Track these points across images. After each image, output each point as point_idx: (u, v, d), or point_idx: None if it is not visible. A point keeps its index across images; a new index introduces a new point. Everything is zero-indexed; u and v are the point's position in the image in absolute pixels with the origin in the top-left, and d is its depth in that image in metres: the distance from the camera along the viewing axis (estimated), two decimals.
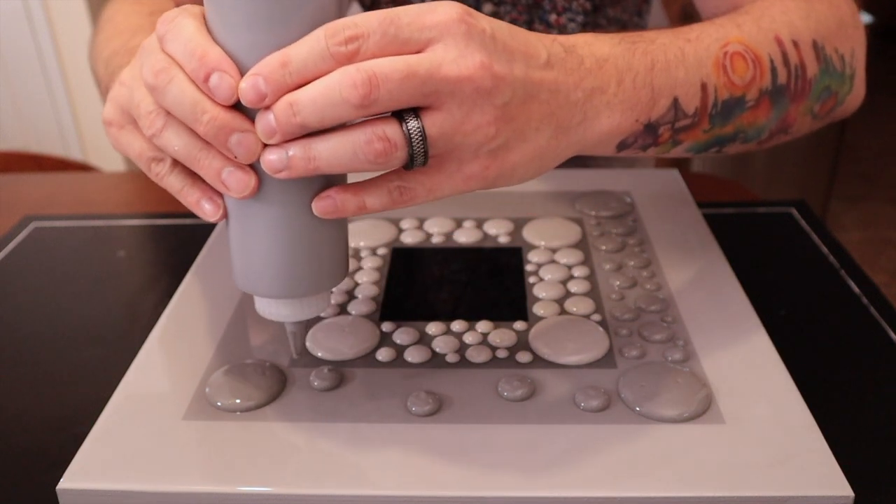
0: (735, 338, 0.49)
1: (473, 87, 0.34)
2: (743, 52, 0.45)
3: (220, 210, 0.38)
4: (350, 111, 0.33)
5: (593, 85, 0.39)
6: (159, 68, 0.35)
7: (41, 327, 0.58)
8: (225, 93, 0.34)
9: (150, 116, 0.36)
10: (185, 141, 0.36)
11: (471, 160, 0.36)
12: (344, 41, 0.33)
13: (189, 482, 0.39)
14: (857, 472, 0.39)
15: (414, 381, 0.45)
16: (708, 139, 0.45)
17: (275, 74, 0.33)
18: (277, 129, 0.33)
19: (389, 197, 0.36)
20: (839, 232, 2.23)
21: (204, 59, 0.34)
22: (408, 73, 0.33)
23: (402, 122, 0.34)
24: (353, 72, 0.32)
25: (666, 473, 0.39)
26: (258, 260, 0.38)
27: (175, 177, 0.39)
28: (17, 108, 2.08)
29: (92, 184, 0.95)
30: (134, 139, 0.40)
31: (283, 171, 0.34)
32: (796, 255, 0.65)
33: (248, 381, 0.45)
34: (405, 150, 0.34)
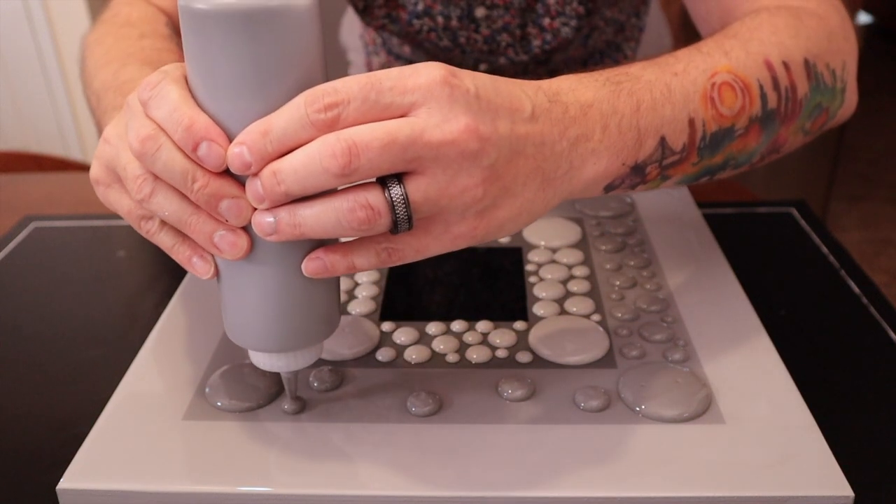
0: (735, 338, 0.49)
1: (458, 151, 0.33)
2: (731, 82, 0.44)
3: (211, 268, 0.38)
4: (331, 180, 0.33)
5: (578, 133, 0.38)
6: (145, 135, 0.34)
7: (41, 327, 0.58)
8: (214, 161, 0.34)
9: (138, 181, 0.36)
10: (176, 206, 0.36)
11: (458, 222, 0.36)
12: (323, 108, 0.33)
13: (189, 482, 0.39)
14: (857, 472, 0.39)
15: (414, 381, 0.45)
16: (697, 171, 0.45)
17: (257, 144, 0.33)
18: (265, 196, 0.33)
19: (378, 258, 0.36)
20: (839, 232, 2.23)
21: (191, 128, 0.34)
22: (388, 142, 0.32)
23: (386, 188, 0.34)
24: (333, 141, 0.32)
25: (666, 473, 0.39)
26: (250, 316, 0.38)
27: (165, 234, 0.39)
28: (17, 108, 2.08)
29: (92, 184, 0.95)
30: (122, 198, 0.40)
31: (272, 234, 0.34)
32: (796, 255, 0.65)
33: (248, 381, 0.45)
34: (389, 217, 0.34)
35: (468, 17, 0.76)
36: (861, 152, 2.67)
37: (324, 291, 0.39)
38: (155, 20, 0.65)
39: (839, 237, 0.68)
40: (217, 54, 0.33)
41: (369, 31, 0.91)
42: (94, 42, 0.62)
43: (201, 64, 0.34)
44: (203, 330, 0.50)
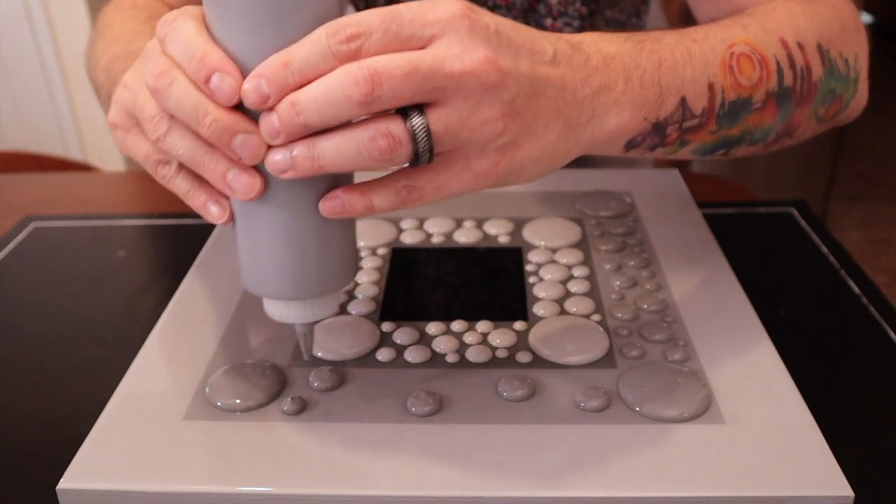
0: (735, 338, 0.49)
1: (478, 82, 0.34)
2: (749, 53, 0.44)
3: (226, 213, 0.38)
4: (352, 109, 0.33)
5: (601, 82, 0.39)
6: (159, 71, 0.35)
7: (41, 327, 0.58)
8: (226, 93, 0.33)
9: (154, 120, 0.36)
10: (189, 144, 0.35)
11: (479, 157, 0.36)
12: (345, 39, 0.33)
13: (189, 482, 0.39)
14: (857, 472, 0.39)
15: (414, 381, 0.45)
16: (715, 140, 0.45)
17: (277, 75, 0.33)
18: (281, 130, 0.33)
19: (397, 196, 0.36)
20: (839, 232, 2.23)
21: (204, 60, 0.33)
22: (410, 70, 0.32)
23: (407, 118, 0.34)
24: (355, 69, 0.32)
25: (666, 473, 0.39)
26: (266, 262, 0.38)
27: (181, 179, 0.39)
28: (17, 108, 2.08)
29: (92, 184, 0.95)
30: (140, 142, 0.40)
31: (287, 171, 0.34)
32: (796, 255, 0.65)
33: (248, 381, 0.45)
34: (409, 147, 0.34)
35: None
36: (861, 152, 2.67)
37: (340, 236, 0.38)
38: (158, 7, 0.65)
39: (839, 237, 0.68)
40: None
41: None
42: (102, 27, 0.63)
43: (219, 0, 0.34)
44: (203, 330, 0.50)
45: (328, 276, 0.39)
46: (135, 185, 0.94)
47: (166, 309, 0.53)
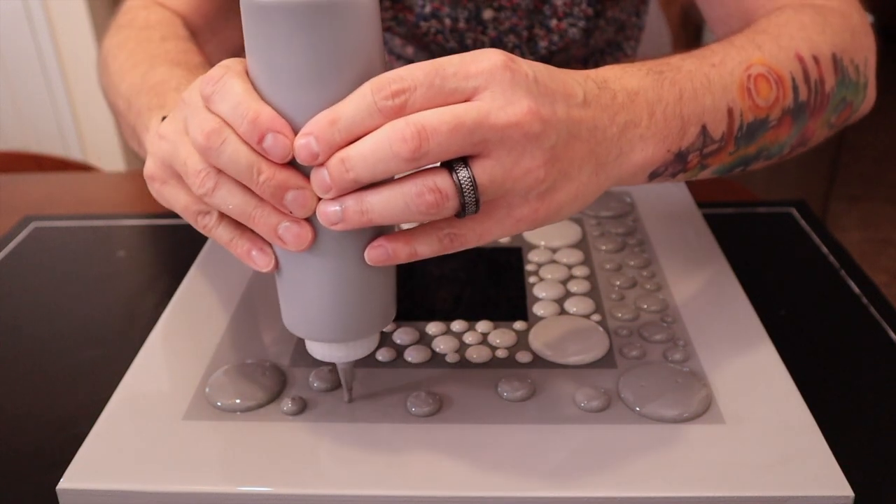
0: (735, 338, 0.49)
1: (522, 133, 0.34)
2: (766, 74, 0.45)
3: (272, 260, 0.38)
4: (400, 165, 0.33)
5: (627, 119, 0.39)
6: (210, 129, 0.35)
7: (41, 327, 0.58)
8: (279, 153, 0.34)
9: (200, 175, 0.36)
10: (239, 199, 0.36)
11: (521, 204, 0.36)
12: (390, 95, 0.33)
13: (189, 482, 0.39)
14: (857, 472, 0.39)
15: (414, 381, 0.45)
16: (733, 161, 0.46)
17: (325, 133, 0.33)
18: (332, 185, 0.34)
19: (440, 244, 0.37)
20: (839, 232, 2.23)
21: (257, 121, 0.34)
22: (456, 124, 0.33)
23: (453, 171, 0.34)
24: (402, 126, 0.33)
25: (666, 473, 0.39)
26: (310, 307, 0.39)
27: (223, 229, 0.39)
28: (17, 108, 2.08)
29: (92, 184, 0.95)
30: (178, 193, 0.40)
31: (338, 223, 0.35)
32: (796, 255, 0.65)
33: (248, 381, 0.45)
34: (456, 200, 0.34)
35: (476, 19, 0.77)
36: (861, 152, 2.67)
37: (383, 281, 0.39)
38: (173, 23, 0.65)
39: (839, 237, 0.68)
40: (283, 47, 0.33)
41: None
42: (115, 46, 0.62)
43: (265, 57, 0.34)
44: (203, 330, 0.50)
45: (370, 317, 0.39)
46: (135, 185, 0.94)
47: (166, 309, 0.53)
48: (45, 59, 2.02)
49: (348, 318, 0.39)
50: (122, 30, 0.64)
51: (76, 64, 2.04)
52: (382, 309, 0.40)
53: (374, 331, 0.41)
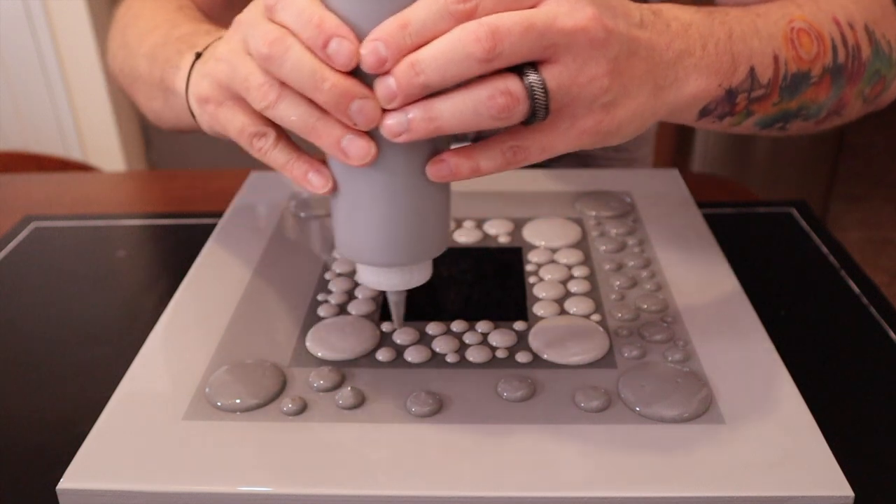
0: (735, 338, 0.49)
1: (588, 39, 0.34)
2: (807, 29, 0.46)
3: (329, 181, 0.38)
4: (473, 66, 0.33)
5: (681, 47, 0.40)
6: (273, 38, 0.34)
7: (41, 327, 0.58)
8: (344, 58, 0.34)
9: (263, 88, 0.36)
10: (302, 111, 0.36)
11: (585, 115, 0.36)
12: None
13: (189, 482, 0.39)
14: (857, 472, 0.39)
15: (414, 381, 0.45)
16: (776, 112, 0.47)
17: (394, 38, 0.33)
18: (398, 92, 0.34)
19: (503, 157, 0.36)
20: (839, 232, 2.23)
21: (322, 25, 0.34)
22: (528, 26, 0.33)
23: (522, 76, 0.34)
24: (476, 27, 0.33)
25: (666, 473, 0.39)
26: (367, 228, 0.38)
27: (279, 151, 0.39)
28: (17, 108, 2.08)
29: (92, 184, 0.95)
30: (234, 115, 0.40)
31: (402, 134, 0.34)
32: (796, 255, 0.65)
33: (248, 381, 0.45)
34: (527, 104, 0.34)
35: None
36: (861, 152, 2.67)
37: (439, 202, 0.39)
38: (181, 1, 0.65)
39: (839, 237, 0.68)
40: None
41: None
42: (131, 17, 0.62)
43: None
44: (203, 330, 0.50)
45: (426, 242, 0.39)
46: (135, 185, 0.94)
47: (166, 309, 0.53)
48: (45, 59, 2.02)
49: (404, 240, 0.38)
50: (136, 4, 0.64)
51: (76, 64, 2.04)
52: (438, 234, 0.39)
53: (427, 256, 0.40)
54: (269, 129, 0.39)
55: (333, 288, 0.54)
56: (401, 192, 0.37)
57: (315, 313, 0.52)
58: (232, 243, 0.61)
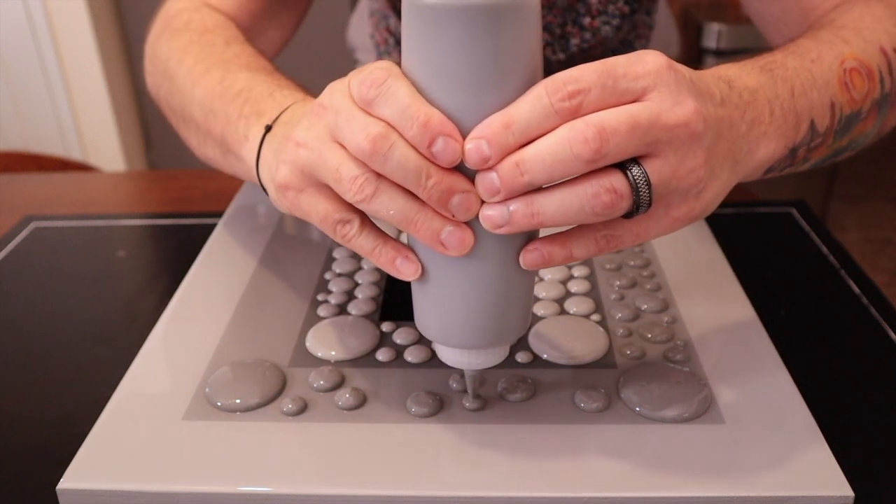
0: (735, 338, 0.49)
1: (689, 133, 0.34)
2: (858, 68, 0.47)
3: (419, 269, 0.38)
4: (580, 166, 0.33)
5: (752, 116, 0.40)
6: (377, 134, 0.34)
7: (41, 327, 0.58)
8: (449, 157, 0.34)
9: (358, 181, 0.35)
10: (401, 205, 0.35)
11: (679, 203, 0.36)
12: (567, 97, 0.33)
13: (189, 482, 0.39)
14: (857, 472, 0.39)
15: (414, 381, 0.45)
16: (828, 154, 0.47)
17: (498, 136, 0.33)
18: (501, 188, 0.34)
19: (597, 246, 0.37)
20: (839, 232, 2.23)
21: (428, 124, 0.33)
22: (633, 124, 0.33)
23: (626, 171, 0.34)
24: (583, 127, 0.32)
25: (666, 473, 0.39)
26: (452, 312, 0.38)
27: (365, 238, 0.38)
28: (17, 108, 2.08)
29: (92, 184, 0.95)
30: (317, 202, 0.39)
31: (503, 227, 0.34)
32: (796, 255, 0.65)
33: (248, 381, 0.45)
34: (630, 200, 0.34)
35: None
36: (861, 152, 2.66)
37: (527, 288, 0.39)
38: (229, 26, 0.64)
39: (839, 237, 0.68)
40: (453, 49, 0.33)
41: (381, 32, 0.90)
42: (178, 51, 0.60)
43: (432, 59, 0.34)
44: (203, 330, 0.50)
45: (510, 326, 0.39)
46: (135, 185, 0.94)
47: (166, 309, 0.53)
48: (45, 59, 2.02)
49: (489, 324, 0.38)
50: (180, 34, 0.62)
51: (76, 64, 2.04)
52: (522, 316, 0.39)
53: (512, 339, 0.40)
54: (354, 215, 0.38)
55: (333, 288, 0.54)
56: (490, 279, 0.37)
57: (315, 313, 0.52)
58: (232, 243, 0.61)
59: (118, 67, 2.15)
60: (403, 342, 0.48)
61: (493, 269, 0.37)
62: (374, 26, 0.92)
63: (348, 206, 0.38)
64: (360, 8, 1.05)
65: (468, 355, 0.40)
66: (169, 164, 2.36)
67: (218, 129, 0.52)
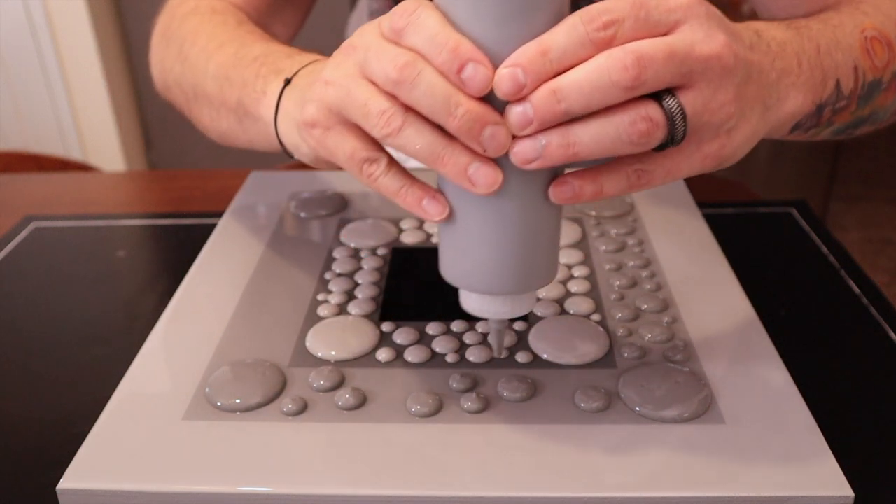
0: (735, 338, 0.49)
1: (721, 66, 0.35)
2: (879, 37, 0.48)
3: (446, 209, 0.37)
4: (619, 94, 0.33)
5: (782, 66, 0.41)
6: (404, 62, 0.34)
7: (41, 327, 0.58)
8: (480, 84, 0.33)
9: (386, 115, 0.35)
10: (428, 138, 0.35)
11: (711, 139, 0.37)
12: (602, 26, 0.33)
13: (189, 482, 0.39)
14: (857, 472, 0.39)
15: (414, 381, 0.45)
16: (851, 120, 0.48)
17: (534, 64, 0.33)
18: (535, 118, 0.33)
19: (627, 181, 0.36)
20: (839, 232, 2.23)
21: (457, 50, 0.33)
22: (670, 53, 0.33)
23: (661, 101, 0.34)
24: (622, 55, 0.33)
25: (666, 473, 0.39)
26: (479, 256, 0.37)
27: (391, 177, 0.38)
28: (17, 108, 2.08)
29: (92, 184, 0.95)
30: (344, 140, 0.38)
31: (535, 160, 0.34)
32: (796, 255, 0.65)
33: (248, 381, 0.45)
34: (665, 130, 0.34)
35: None
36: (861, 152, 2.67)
37: (553, 231, 0.38)
38: (237, 12, 0.64)
39: (839, 237, 0.68)
40: None
41: None
42: (190, 32, 0.60)
43: None
44: (203, 330, 0.50)
45: (536, 272, 0.38)
46: (135, 185, 0.94)
47: (166, 309, 0.53)
48: (45, 59, 2.02)
49: (518, 268, 0.37)
50: (189, 17, 0.62)
51: (76, 64, 2.04)
52: (548, 263, 0.39)
53: (536, 286, 0.39)
54: (381, 154, 0.38)
55: (333, 288, 0.54)
56: (518, 219, 0.36)
57: (315, 313, 0.52)
58: (232, 243, 0.61)
59: (118, 67, 2.15)
60: (403, 342, 0.48)
61: (520, 209, 0.36)
62: None
63: (376, 144, 0.38)
64: (359, 7, 1.05)
65: (493, 302, 0.39)
66: (169, 164, 2.36)
67: (234, 96, 0.52)
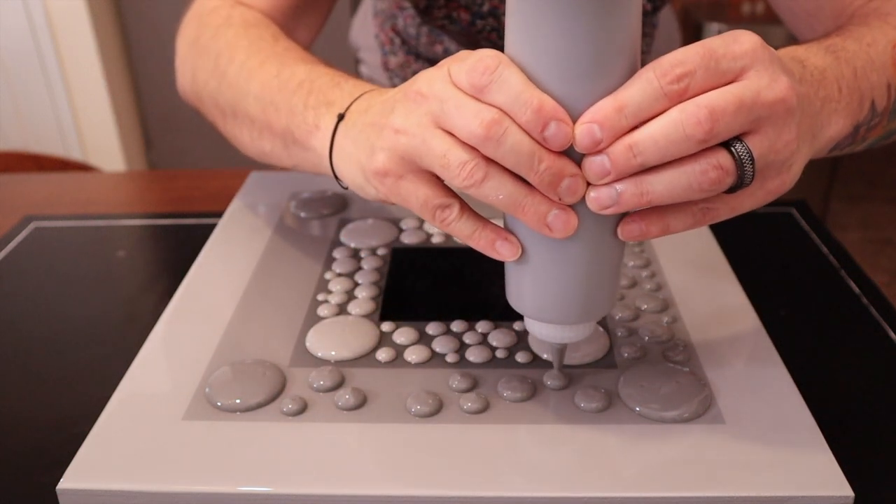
0: (735, 338, 0.49)
1: (785, 108, 0.35)
2: None
3: (518, 250, 0.39)
4: (692, 146, 0.34)
5: (825, 94, 0.42)
6: (491, 120, 0.35)
7: (41, 327, 0.58)
8: (561, 141, 0.35)
9: (468, 167, 0.36)
10: (510, 189, 0.36)
11: (773, 177, 0.38)
12: (675, 79, 0.34)
13: (189, 482, 0.39)
14: (857, 472, 0.39)
15: (414, 381, 0.45)
16: (881, 134, 0.49)
17: (610, 120, 0.34)
18: (612, 170, 0.35)
19: (693, 218, 0.38)
20: (839, 232, 2.23)
21: (541, 110, 0.34)
22: (739, 104, 0.34)
23: (730, 149, 0.35)
24: (695, 109, 0.34)
25: (666, 473, 0.39)
26: (546, 289, 0.39)
27: (465, 222, 0.39)
28: (17, 108, 2.08)
29: (92, 184, 0.95)
30: (417, 188, 0.39)
31: (610, 207, 0.35)
32: (796, 255, 0.65)
33: (248, 381, 0.45)
34: (734, 176, 0.35)
35: None
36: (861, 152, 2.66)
37: (617, 265, 0.40)
38: (269, 23, 0.63)
39: (839, 237, 0.68)
40: (563, 35, 0.34)
41: (385, 31, 0.90)
42: (224, 44, 0.60)
43: (542, 46, 0.34)
44: (203, 330, 0.50)
45: (601, 301, 0.40)
46: (135, 185, 0.94)
47: (166, 309, 0.53)
48: (45, 59, 2.03)
49: (583, 300, 0.39)
50: (223, 29, 0.61)
51: (76, 64, 2.05)
52: (612, 292, 0.41)
53: (599, 315, 0.41)
54: (454, 200, 0.39)
55: (333, 288, 0.54)
56: (586, 258, 0.38)
57: (315, 313, 0.52)
58: (232, 243, 0.61)
59: (118, 67, 2.15)
60: (403, 342, 0.48)
61: (589, 249, 0.38)
62: (379, 26, 0.92)
63: (448, 191, 0.39)
64: (363, 8, 1.05)
65: (560, 329, 0.41)
66: (169, 164, 2.36)
67: (281, 122, 0.52)
